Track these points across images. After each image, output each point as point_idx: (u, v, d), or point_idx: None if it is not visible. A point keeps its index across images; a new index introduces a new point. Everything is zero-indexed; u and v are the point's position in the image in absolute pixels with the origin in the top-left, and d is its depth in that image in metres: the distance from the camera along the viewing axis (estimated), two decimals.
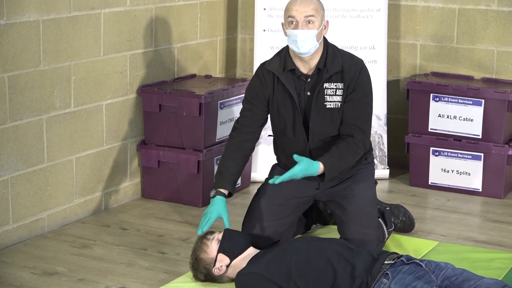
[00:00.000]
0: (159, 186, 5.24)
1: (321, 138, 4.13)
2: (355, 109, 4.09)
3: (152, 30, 5.31)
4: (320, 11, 4.03)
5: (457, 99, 5.43)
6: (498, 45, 5.66)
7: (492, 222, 4.98)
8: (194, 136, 5.11)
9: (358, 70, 4.09)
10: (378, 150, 5.70)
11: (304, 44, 3.99)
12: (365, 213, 4.19)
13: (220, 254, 3.87)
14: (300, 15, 3.97)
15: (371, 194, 4.29)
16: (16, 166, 4.47)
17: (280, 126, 4.19)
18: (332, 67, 4.06)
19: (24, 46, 4.43)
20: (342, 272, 3.55)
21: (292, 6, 4.00)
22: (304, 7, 3.98)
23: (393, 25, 5.89)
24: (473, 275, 3.54)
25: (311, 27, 3.99)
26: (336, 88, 4.08)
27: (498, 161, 5.36)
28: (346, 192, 4.22)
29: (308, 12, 3.98)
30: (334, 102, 4.08)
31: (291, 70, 4.10)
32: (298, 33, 3.97)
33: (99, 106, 4.97)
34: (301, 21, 3.98)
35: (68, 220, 4.83)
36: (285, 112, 4.13)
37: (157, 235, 4.68)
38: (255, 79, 4.19)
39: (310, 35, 3.98)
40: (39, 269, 4.18)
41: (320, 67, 4.07)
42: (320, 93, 4.07)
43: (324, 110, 4.08)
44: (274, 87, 4.12)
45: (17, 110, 4.43)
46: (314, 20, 3.99)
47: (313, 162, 3.97)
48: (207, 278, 3.92)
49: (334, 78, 4.07)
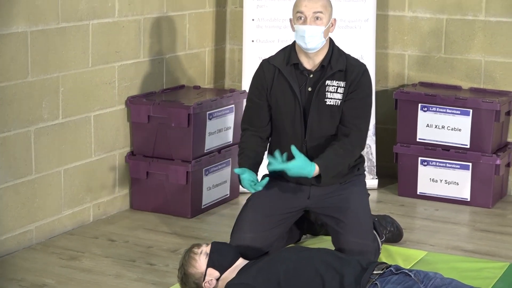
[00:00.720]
0: (148, 197, 5.23)
1: (318, 135, 4.13)
2: (355, 108, 4.11)
3: (141, 41, 5.31)
4: (329, 8, 4.09)
5: (445, 109, 5.45)
6: (486, 55, 5.68)
7: (480, 232, 4.98)
8: (182, 147, 5.10)
9: (361, 71, 4.15)
10: (367, 160, 5.70)
11: (311, 40, 4.03)
12: (362, 224, 4.18)
13: (210, 269, 3.85)
14: (309, 11, 4.03)
15: (366, 205, 4.29)
16: (4, 178, 4.45)
17: (277, 120, 4.20)
18: (336, 65, 4.11)
19: (12, 57, 4.42)
20: (330, 281, 3.55)
21: (302, 2, 4.05)
22: (313, 3, 4.03)
23: (381, 36, 5.90)
24: (462, 284, 3.55)
25: (319, 24, 4.04)
26: (338, 86, 4.11)
27: (486, 170, 5.37)
28: (340, 205, 4.20)
29: (317, 9, 4.03)
30: (335, 99, 4.10)
31: (295, 65, 4.14)
32: (306, 28, 4.02)
33: (88, 118, 4.96)
34: (309, 17, 4.03)
35: (56, 232, 4.82)
36: (284, 106, 4.15)
37: (146, 247, 4.67)
38: (256, 72, 4.23)
39: (317, 31, 4.03)
40: (27, 282, 4.17)
41: (324, 64, 4.12)
42: (321, 89, 4.10)
43: (323, 106, 4.11)
44: (274, 79, 4.15)
45: (5, 122, 4.42)
46: (322, 17, 4.04)
47: (310, 162, 3.98)
48: None
49: (337, 76, 4.11)
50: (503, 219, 5.22)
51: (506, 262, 4.41)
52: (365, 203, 4.28)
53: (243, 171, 4.06)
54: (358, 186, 4.28)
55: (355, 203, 4.21)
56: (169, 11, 5.54)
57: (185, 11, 5.72)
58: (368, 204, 4.31)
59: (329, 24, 4.10)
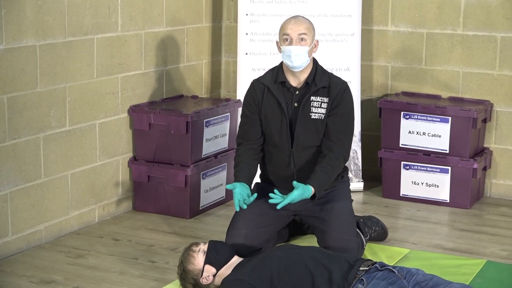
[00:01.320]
0: (149, 199, 5.23)
1: (304, 146, 4.20)
2: (338, 123, 4.18)
3: (142, 54, 5.31)
4: (312, 30, 4.19)
5: (425, 116, 5.46)
6: (463, 66, 5.69)
7: (459, 231, 4.99)
8: (181, 153, 5.10)
9: (343, 88, 4.22)
10: (353, 165, 5.72)
11: (297, 58, 4.11)
12: (344, 221, 4.23)
13: (207, 265, 3.86)
14: (294, 33, 4.12)
15: (348, 205, 4.33)
16: (15, 181, 4.45)
17: (267, 133, 4.26)
18: (320, 82, 4.18)
19: (22, 69, 4.42)
20: (320, 277, 3.55)
21: (287, 25, 4.15)
22: (298, 26, 4.13)
23: (366, 48, 5.92)
24: (442, 280, 3.55)
25: (304, 44, 4.12)
26: (322, 101, 4.18)
27: (464, 174, 5.38)
28: (324, 206, 4.27)
29: (301, 30, 4.13)
30: (319, 113, 4.17)
31: (282, 82, 4.21)
32: (292, 48, 4.10)
33: (93, 125, 4.96)
34: (295, 38, 4.12)
35: (64, 232, 4.81)
36: (273, 120, 4.21)
37: (148, 245, 4.67)
38: (248, 90, 4.31)
39: (302, 50, 4.11)
40: (37, 278, 4.16)
41: (308, 81, 4.19)
42: (307, 104, 4.17)
43: (309, 120, 4.17)
44: (264, 96, 4.23)
45: (15, 129, 4.42)
46: (307, 38, 4.13)
47: (307, 186, 4.04)
48: (195, 287, 3.91)
49: (320, 92, 4.18)
50: (480, 219, 5.23)
51: (483, 259, 4.42)
52: (348, 205, 4.34)
53: (234, 186, 4.11)
54: (342, 191, 4.34)
55: (338, 205, 4.27)
56: (168, 26, 5.55)
57: (184, 26, 5.72)
58: (350, 206, 4.36)
59: (313, 45, 4.18)
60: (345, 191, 4.35)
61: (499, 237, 4.85)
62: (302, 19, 4.19)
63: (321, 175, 4.11)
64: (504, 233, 4.94)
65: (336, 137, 4.17)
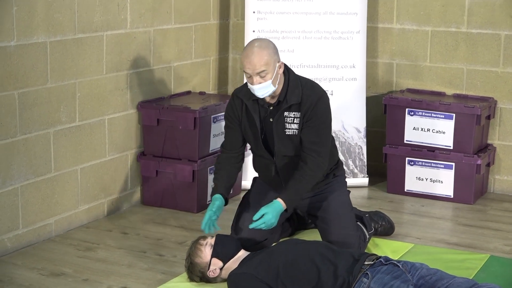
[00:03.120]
0: (157, 193, 5.24)
1: (284, 156, 4.16)
2: (311, 134, 4.07)
3: (151, 50, 5.32)
4: (270, 61, 3.93)
5: (430, 113, 5.45)
6: (468, 63, 5.68)
7: (463, 226, 4.99)
8: (189, 148, 5.11)
9: (315, 101, 4.06)
10: (358, 160, 5.72)
11: (261, 92, 3.98)
12: (341, 216, 4.24)
13: (214, 259, 3.87)
14: (252, 71, 3.93)
15: (345, 199, 4.33)
16: (26, 176, 4.46)
17: (249, 143, 4.26)
18: (291, 98, 4.04)
19: (33, 65, 4.43)
20: (325, 271, 3.55)
21: (245, 62, 3.94)
22: (254, 65, 3.91)
23: (371, 46, 5.91)
24: (446, 274, 3.55)
25: (265, 79, 3.94)
26: (294, 117, 4.08)
27: (468, 170, 5.37)
28: (322, 203, 4.28)
29: (259, 69, 3.91)
30: (292, 129, 4.09)
31: (256, 99, 4.11)
32: (254, 87, 3.96)
33: (102, 121, 4.97)
34: (254, 76, 3.94)
35: (73, 225, 4.82)
36: (251, 135, 4.18)
37: (156, 239, 4.68)
38: (229, 103, 4.22)
39: (265, 85, 3.96)
40: (47, 270, 4.17)
41: (280, 99, 4.06)
42: (280, 120, 4.09)
43: (284, 136, 4.11)
44: (243, 110, 4.15)
45: (26, 124, 4.43)
46: (266, 73, 3.93)
47: (274, 203, 4.00)
48: (202, 280, 3.92)
49: (293, 107, 4.07)
50: (483, 214, 5.22)
51: (487, 254, 4.42)
52: (344, 200, 4.33)
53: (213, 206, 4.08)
54: (337, 186, 4.33)
55: (334, 201, 4.27)
56: (176, 23, 5.55)
57: (192, 23, 5.72)
58: (347, 200, 4.35)
59: (275, 71, 3.97)
60: (340, 186, 4.34)
61: (503, 232, 4.85)
62: (257, 54, 3.90)
63: (291, 188, 4.06)
64: (507, 228, 4.93)
65: (310, 148, 4.07)
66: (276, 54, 3.99)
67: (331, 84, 5.70)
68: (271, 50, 3.96)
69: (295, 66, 5.66)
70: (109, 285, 4.00)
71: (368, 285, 3.45)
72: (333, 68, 5.70)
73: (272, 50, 3.97)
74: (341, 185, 4.36)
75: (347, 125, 5.71)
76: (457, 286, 3.47)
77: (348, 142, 5.71)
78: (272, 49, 3.98)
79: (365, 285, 3.46)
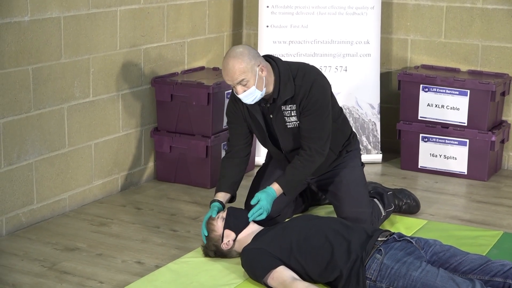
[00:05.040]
0: (171, 169, 5.24)
1: (293, 147, 4.14)
2: (309, 121, 4.03)
3: (164, 26, 5.30)
4: (247, 68, 3.83)
5: (444, 89, 5.42)
6: (483, 40, 5.64)
7: (476, 203, 4.97)
8: (202, 124, 5.10)
9: (308, 89, 3.99)
10: (372, 137, 5.70)
11: (248, 99, 3.93)
12: (353, 194, 4.23)
13: (226, 230, 3.89)
14: (232, 82, 3.87)
15: (357, 176, 4.31)
16: (40, 151, 4.47)
17: (258, 140, 4.25)
18: (284, 94, 3.98)
19: (47, 40, 4.42)
20: (339, 247, 3.55)
21: (224, 76, 3.88)
22: (231, 75, 3.83)
23: (386, 22, 5.87)
24: (459, 251, 3.54)
25: (247, 86, 3.87)
26: (291, 110, 4.04)
27: (482, 146, 5.35)
28: (333, 179, 4.27)
29: (238, 79, 3.83)
30: (292, 122, 4.06)
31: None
32: (240, 96, 3.91)
33: (116, 96, 4.96)
34: (236, 86, 3.88)
35: (87, 200, 4.83)
36: (257, 132, 4.16)
37: (169, 214, 4.69)
38: (230, 102, 4.17)
39: (250, 92, 3.89)
40: (61, 245, 4.19)
41: (275, 96, 4.00)
42: (279, 115, 4.05)
43: (286, 129, 4.08)
44: (244, 109, 4.11)
45: (40, 100, 4.43)
46: (246, 81, 3.85)
47: (268, 189, 4.00)
48: (217, 254, 3.93)
49: (289, 101, 4.02)
50: (497, 191, 5.20)
51: (500, 231, 4.40)
52: (357, 176, 4.30)
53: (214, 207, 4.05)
54: (349, 162, 4.30)
55: (346, 177, 4.26)
56: None
57: None
58: (359, 176, 4.32)
59: (257, 75, 3.86)
60: (353, 161, 4.32)
61: None
62: (232, 65, 3.81)
63: (288, 172, 4.04)
64: None
65: (309, 136, 4.04)
66: (254, 58, 3.87)
67: (345, 60, 5.67)
68: (246, 57, 3.85)
69: (309, 42, 5.63)
70: (123, 260, 4.01)
71: (381, 261, 3.45)
72: (347, 44, 5.66)
73: (247, 57, 3.85)
74: (354, 160, 4.33)
75: (361, 101, 5.69)
76: (470, 263, 3.47)
77: (362, 118, 5.68)
78: (248, 55, 3.86)
79: (378, 261, 3.45)
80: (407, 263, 3.40)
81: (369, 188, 4.50)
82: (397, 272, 3.39)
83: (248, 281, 3.71)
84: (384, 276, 3.42)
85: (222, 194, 4.14)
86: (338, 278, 3.53)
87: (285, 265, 3.60)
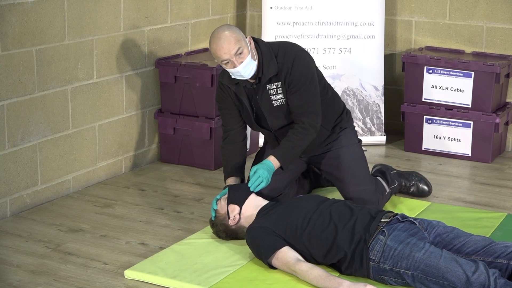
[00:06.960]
0: (175, 151, 5.24)
1: (281, 126, 4.13)
2: (297, 97, 4.02)
3: (168, 7, 5.29)
4: (240, 37, 3.86)
5: (449, 71, 5.41)
6: (487, 21, 5.62)
7: (480, 185, 4.97)
8: (206, 105, 5.10)
9: (290, 65, 3.98)
10: (375, 118, 5.69)
11: (246, 71, 3.91)
12: (353, 172, 4.24)
13: (230, 205, 3.89)
14: (229, 55, 3.84)
15: (354, 154, 4.30)
16: (44, 132, 4.47)
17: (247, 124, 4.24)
18: (268, 71, 3.97)
19: (50, 22, 4.41)
20: (342, 229, 3.55)
21: (220, 51, 3.84)
22: (229, 46, 3.82)
23: (390, 3, 5.85)
24: (462, 232, 3.55)
25: (244, 56, 3.87)
26: (276, 87, 4.02)
27: (486, 128, 5.34)
28: (331, 161, 4.27)
29: (234, 48, 3.82)
30: (278, 99, 4.04)
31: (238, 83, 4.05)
32: (239, 69, 3.88)
33: (120, 78, 4.96)
34: (234, 58, 3.85)
35: (91, 182, 4.84)
36: (245, 114, 4.15)
37: (173, 196, 4.69)
38: (218, 88, 4.16)
39: (247, 62, 3.89)
40: (65, 226, 4.20)
41: (260, 75, 3.99)
42: (264, 94, 4.04)
43: (273, 108, 4.07)
44: (232, 93, 4.11)
45: (44, 81, 4.43)
46: (242, 50, 3.85)
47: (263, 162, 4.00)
48: (228, 234, 3.93)
49: (273, 79, 4.01)
50: (501, 173, 5.20)
51: (503, 213, 4.40)
52: (355, 153, 4.30)
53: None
54: (345, 140, 4.29)
55: (345, 157, 4.26)
56: None
57: None
58: (358, 154, 4.31)
59: (249, 46, 3.90)
60: (349, 138, 4.31)
61: None
62: (225, 37, 3.82)
63: (284, 145, 4.04)
64: None
65: (299, 112, 4.03)
66: (240, 31, 3.91)
67: (349, 42, 5.65)
68: (235, 28, 3.89)
69: (313, 23, 5.61)
70: (127, 241, 4.02)
71: (384, 242, 3.45)
72: (351, 26, 5.65)
73: (236, 29, 3.89)
74: (350, 138, 4.31)
75: (365, 83, 5.68)
76: (473, 244, 3.47)
77: (365, 100, 5.68)
78: (235, 28, 3.90)
79: (382, 243, 3.46)
80: (411, 244, 3.40)
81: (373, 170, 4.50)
82: (400, 253, 3.40)
83: (252, 262, 3.72)
84: (388, 257, 3.42)
85: (232, 178, 4.16)
86: (342, 259, 3.54)
87: (289, 246, 3.61)
